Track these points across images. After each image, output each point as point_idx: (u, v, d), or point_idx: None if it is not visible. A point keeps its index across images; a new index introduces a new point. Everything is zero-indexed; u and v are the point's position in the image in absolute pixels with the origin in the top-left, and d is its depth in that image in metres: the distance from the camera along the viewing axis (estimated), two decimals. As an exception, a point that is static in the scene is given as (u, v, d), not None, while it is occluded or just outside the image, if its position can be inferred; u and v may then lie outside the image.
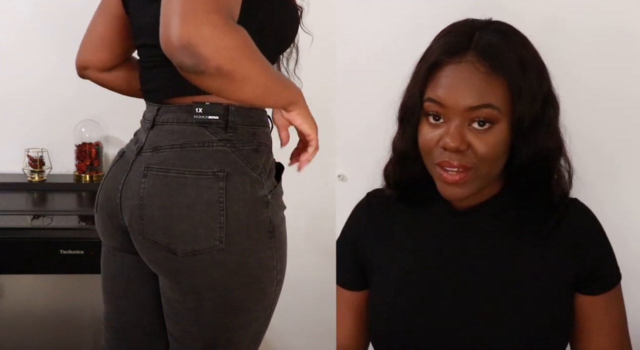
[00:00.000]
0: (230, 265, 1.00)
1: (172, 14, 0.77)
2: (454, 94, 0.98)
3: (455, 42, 1.01)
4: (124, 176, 1.04)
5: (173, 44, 0.77)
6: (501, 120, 0.99)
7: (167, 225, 0.99)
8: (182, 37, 0.76)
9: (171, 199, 0.99)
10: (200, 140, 1.00)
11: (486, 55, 0.98)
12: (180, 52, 0.77)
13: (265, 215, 1.02)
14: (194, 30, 0.76)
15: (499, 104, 0.98)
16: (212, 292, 1.02)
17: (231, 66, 0.80)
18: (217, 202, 0.98)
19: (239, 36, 0.81)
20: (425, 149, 1.03)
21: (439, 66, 1.01)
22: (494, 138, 0.99)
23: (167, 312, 1.08)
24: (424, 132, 1.03)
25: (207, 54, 0.77)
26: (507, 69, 0.98)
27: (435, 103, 1.00)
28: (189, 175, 0.99)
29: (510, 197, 1.06)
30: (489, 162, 1.00)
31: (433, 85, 1.01)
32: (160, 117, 1.03)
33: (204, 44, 0.77)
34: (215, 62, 0.78)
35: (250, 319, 1.06)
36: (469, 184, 1.01)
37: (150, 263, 1.05)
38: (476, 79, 0.98)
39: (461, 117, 0.98)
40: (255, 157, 1.03)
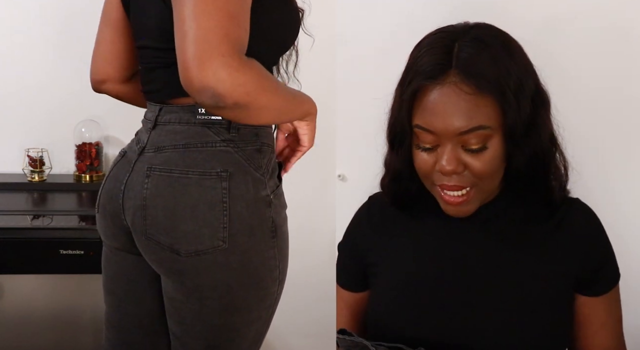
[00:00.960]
0: (233, 265, 1.01)
1: (189, 57, 0.84)
2: (443, 120, 0.96)
3: (435, 63, 0.97)
4: (126, 176, 1.04)
5: (194, 87, 0.85)
6: (494, 136, 0.98)
7: (170, 226, 0.99)
8: (201, 81, 0.84)
9: (174, 199, 0.99)
10: (204, 141, 1.00)
11: (469, 75, 0.95)
12: (200, 94, 0.85)
13: (268, 215, 1.03)
14: (212, 74, 0.83)
15: (490, 122, 0.96)
16: (215, 292, 1.02)
17: (247, 99, 0.87)
18: (220, 202, 0.98)
19: (253, 71, 0.88)
20: (422, 173, 1.03)
21: (422, 90, 0.98)
22: (490, 155, 0.98)
23: (170, 312, 1.08)
24: (419, 158, 1.02)
25: (225, 92, 0.84)
26: (492, 85, 0.95)
27: (425, 130, 0.99)
28: (193, 176, 0.99)
29: (509, 198, 1.06)
30: (488, 178, 1.00)
31: (421, 111, 0.99)
32: (162, 117, 1.03)
33: (222, 85, 0.84)
34: (232, 99, 0.85)
35: (252, 318, 1.06)
36: (472, 202, 1.01)
37: (153, 263, 1.05)
38: (462, 102, 0.95)
39: (453, 141, 0.97)
40: (258, 157, 1.03)
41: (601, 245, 1.07)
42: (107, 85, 1.20)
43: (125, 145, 1.14)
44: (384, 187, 1.15)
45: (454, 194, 1.00)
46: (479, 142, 0.97)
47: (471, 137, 0.96)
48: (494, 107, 0.97)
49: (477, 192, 1.01)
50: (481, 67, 0.96)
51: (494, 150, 0.98)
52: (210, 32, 0.84)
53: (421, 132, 1.00)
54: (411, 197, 1.11)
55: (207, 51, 0.83)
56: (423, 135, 1.00)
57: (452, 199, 1.01)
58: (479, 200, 1.03)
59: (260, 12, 0.95)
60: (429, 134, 0.99)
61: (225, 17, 0.85)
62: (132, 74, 1.19)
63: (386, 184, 1.14)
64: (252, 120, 0.97)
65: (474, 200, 1.02)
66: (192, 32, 0.84)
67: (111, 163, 1.13)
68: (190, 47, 0.84)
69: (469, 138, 0.96)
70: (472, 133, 0.96)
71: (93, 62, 1.20)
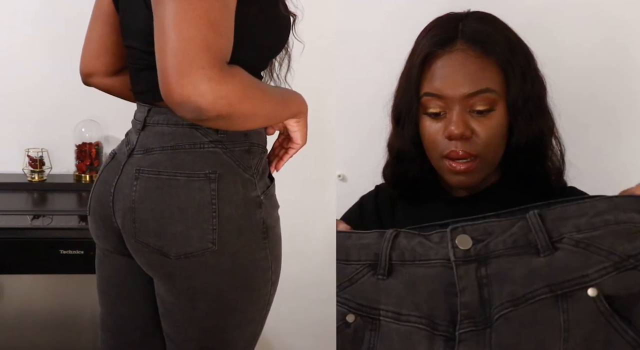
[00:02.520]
0: (223, 267, 1.00)
1: (169, 71, 0.82)
2: (451, 83, 1.00)
3: (443, 34, 1.03)
4: (116, 179, 1.04)
5: (175, 101, 0.83)
6: (499, 102, 1.02)
7: (159, 228, 0.98)
8: (182, 95, 0.82)
9: (163, 202, 0.98)
10: (192, 142, 0.99)
11: (475, 41, 1.01)
12: (181, 107, 0.83)
13: (258, 216, 1.02)
14: (192, 88, 0.81)
15: (495, 86, 1.01)
16: (206, 294, 1.01)
17: (230, 110, 0.85)
18: (209, 204, 0.98)
19: (235, 81, 0.86)
20: (430, 142, 1.05)
21: (431, 59, 1.02)
22: (495, 121, 1.01)
23: (163, 314, 1.08)
24: (427, 126, 1.05)
25: (206, 106, 0.83)
26: (497, 51, 1.01)
27: (434, 96, 1.02)
28: (181, 177, 0.98)
29: (509, 184, 1.08)
30: (493, 147, 1.03)
31: (429, 80, 1.03)
32: (151, 118, 1.03)
33: (203, 99, 0.82)
34: (215, 112, 0.84)
35: (245, 320, 1.06)
36: (475, 172, 1.03)
37: (143, 266, 1.05)
38: (470, 65, 1.00)
39: (461, 104, 1.00)
40: (248, 158, 1.02)
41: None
42: (95, 79, 1.20)
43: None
44: (386, 172, 1.16)
45: (460, 161, 1.02)
46: (486, 105, 1.01)
47: (478, 100, 1.00)
48: (498, 73, 1.01)
49: (481, 164, 1.03)
50: (486, 35, 1.02)
51: (498, 117, 1.02)
52: (190, 44, 0.82)
53: (430, 99, 1.02)
54: (413, 179, 1.11)
55: (187, 64, 0.81)
56: (432, 102, 1.02)
57: (457, 166, 1.02)
58: (481, 175, 1.05)
59: (244, 17, 0.92)
60: (438, 100, 1.02)
61: (206, 25, 0.83)
62: (120, 68, 1.19)
63: (388, 167, 1.15)
64: (239, 128, 0.96)
65: (477, 171, 1.03)
66: (172, 44, 0.82)
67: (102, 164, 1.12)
68: (170, 60, 0.82)
69: (476, 101, 1.00)
70: (479, 95, 1.00)
71: (82, 55, 1.20)
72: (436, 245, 0.79)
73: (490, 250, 0.76)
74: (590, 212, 0.72)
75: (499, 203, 1.07)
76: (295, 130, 1.09)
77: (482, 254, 0.76)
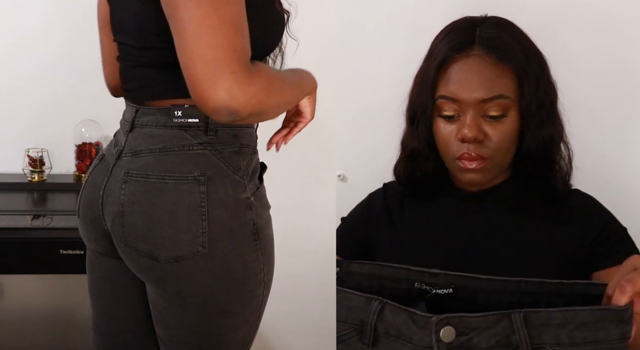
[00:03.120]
0: (214, 270, 0.99)
1: (201, 78, 0.84)
2: (467, 88, 1.03)
3: (460, 38, 1.05)
4: (105, 181, 1.03)
5: (210, 107, 0.85)
6: (512, 108, 1.04)
7: (148, 232, 0.98)
8: (216, 101, 0.84)
9: (151, 205, 0.97)
10: (180, 144, 0.98)
11: (491, 47, 1.03)
12: (217, 113, 0.85)
13: (248, 217, 1.01)
14: (225, 93, 0.84)
15: (509, 92, 1.03)
16: (197, 298, 1.01)
17: (260, 107, 0.88)
18: (198, 206, 0.97)
19: (261, 79, 0.88)
20: (443, 143, 1.07)
21: (447, 63, 1.05)
22: (507, 126, 1.04)
23: (155, 317, 1.07)
24: (440, 128, 1.07)
25: (239, 107, 0.85)
26: (512, 57, 1.03)
27: (449, 99, 1.04)
28: (170, 180, 0.97)
29: (517, 183, 1.11)
30: (503, 151, 1.05)
31: (444, 83, 1.05)
32: (139, 119, 1.01)
33: (236, 102, 0.84)
34: (247, 112, 0.86)
35: (238, 322, 1.05)
36: (485, 171, 1.06)
37: (133, 269, 1.04)
38: (486, 71, 1.03)
39: (475, 109, 1.03)
40: (237, 159, 1.01)
41: (603, 216, 1.09)
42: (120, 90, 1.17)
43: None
44: (397, 169, 1.18)
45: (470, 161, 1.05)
46: (499, 111, 1.03)
47: (492, 106, 1.03)
48: (513, 80, 1.04)
49: (491, 164, 1.06)
50: (502, 42, 1.04)
51: (510, 123, 1.04)
52: (218, 50, 0.84)
53: (444, 102, 1.05)
54: (425, 176, 1.14)
55: (219, 71, 0.83)
56: (447, 105, 1.05)
57: (469, 164, 1.04)
58: (491, 174, 1.07)
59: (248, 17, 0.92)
60: (453, 103, 1.04)
61: (231, 30, 0.85)
62: None
63: (401, 164, 1.17)
64: (266, 119, 0.97)
65: (486, 171, 1.06)
66: (201, 51, 0.83)
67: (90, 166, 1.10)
68: (201, 68, 0.84)
69: (490, 106, 1.03)
70: (493, 101, 1.02)
71: (104, 70, 1.19)
72: (420, 330, 0.78)
73: (473, 346, 0.76)
74: (571, 325, 0.74)
75: (506, 201, 1.10)
76: (306, 105, 1.11)
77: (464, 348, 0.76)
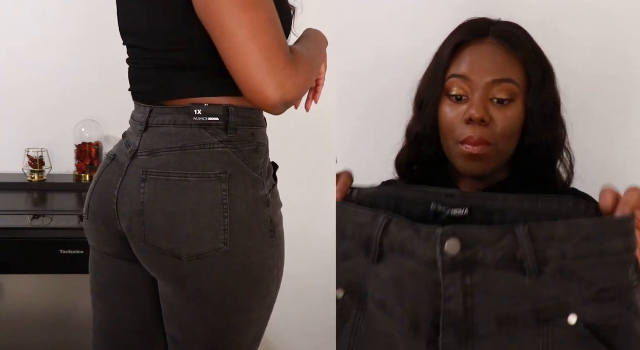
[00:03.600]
0: (234, 267, 1.00)
1: (258, 80, 0.91)
2: (478, 69, 1.06)
3: (475, 27, 1.10)
4: (120, 181, 1.03)
5: (270, 105, 0.93)
6: (519, 97, 1.06)
7: (170, 230, 0.98)
8: (274, 99, 0.92)
9: (174, 203, 0.98)
10: (201, 143, 0.99)
11: (504, 39, 1.07)
12: (276, 109, 0.93)
13: (266, 215, 1.03)
14: (280, 89, 0.91)
15: (518, 80, 1.06)
16: (218, 295, 1.02)
17: (306, 89, 0.99)
18: (220, 204, 0.98)
19: (303, 65, 0.96)
20: (448, 126, 1.08)
21: (461, 48, 1.08)
22: (514, 113, 1.06)
23: (170, 317, 1.07)
24: (447, 111, 1.09)
25: (293, 98, 0.94)
26: (523, 50, 1.07)
27: (460, 78, 1.06)
28: (192, 178, 0.98)
29: (516, 184, 1.11)
30: (507, 138, 1.07)
31: (457, 64, 1.08)
32: (154, 119, 1.02)
33: (289, 95, 0.93)
34: (298, 98, 0.97)
35: (253, 318, 1.06)
36: (488, 159, 1.07)
37: (152, 269, 1.04)
38: (498, 56, 1.06)
39: (484, 91, 1.05)
40: (256, 158, 1.03)
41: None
42: None
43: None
44: (399, 161, 1.18)
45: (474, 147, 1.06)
46: (507, 95, 1.05)
47: (501, 89, 1.05)
48: (522, 70, 1.07)
49: (494, 151, 1.06)
50: (515, 35, 1.09)
51: (516, 111, 1.06)
52: (268, 50, 0.90)
53: (455, 81, 1.07)
54: (427, 163, 1.14)
55: (272, 70, 0.90)
56: (456, 85, 1.07)
57: (472, 149, 1.06)
58: (493, 164, 1.08)
59: None
60: (463, 82, 1.06)
61: (274, 28, 0.92)
62: None
63: (404, 153, 1.17)
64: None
65: (489, 158, 1.07)
66: (254, 54, 0.90)
67: (99, 168, 1.10)
68: (257, 70, 0.90)
69: (499, 90, 1.05)
70: (502, 84, 1.05)
71: None
72: (424, 243, 0.76)
73: (478, 259, 0.75)
74: (577, 238, 0.73)
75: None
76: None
77: (469, 262, 0.75)
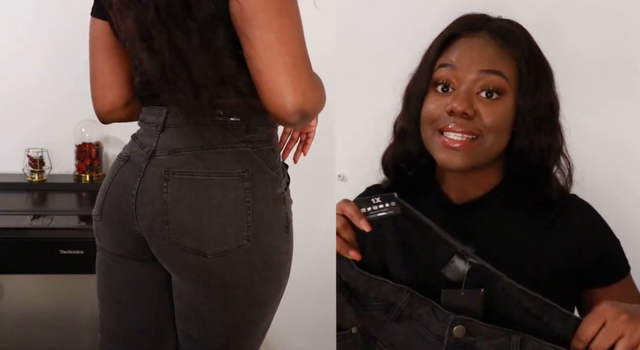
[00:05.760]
0: (256, 262, 1.03)
1: (282, 84, 0.91)
2: (467, 60, 1.02)
3: (470, 21, 1.07)
4: (138, 181, 1.03)
5: (288, 111, 0.92)
6: (508, 93, 1.02)
7: (196, 228, 1.00)
8: (294, 105, 0.92)
9: (199, 202, 1.00)
10: (223, 142, 1.01)
11: (498, 34, 1.04)
12: (291, 116, 0.93)
13: (283, 211, 1.06)
14: (302, 96, 0.92)
15: (508, 74, 1.02)
16: (240, 290, 1.04)
17: (319, 109, 0.98)
18: (243, 202, 1.01)
19: (320, 84, 0.98)
20: (429, 117, 1.04)
21: (453, 39, 1.05)
22: (501, 108, 1.01)
23: (187, 315, 1.09)
24: (430, 101, 1.04)
25: (310, 110, 0.94)
26: (517, 46, 1.03)
27: (447, 66, 1.03)
28: (215, 177, 1.00)
29: (509, 190, 1.06)
30: (493, 133, 1.01)
31: (446, 54, 1.05)
32: (172, 119, 1.03)
33: (308, 105, 0.93)
34: (314, 113, 0.96)
35: (267, 311, 1.10)
36: (469, 153, 1.00)
37: (173, 267, 1.05)
38: (489, 49, 1.03)
39: (471, 83, 1.01)
40: (273, 157, 1.06)
41: (600, 234, 1.06)
42: (115, 114, 1.17)
43: (123, 147, 1.12)
44: (385, 159, 1.14)
45: (454, 137, 1.00)
46: (494, 88, 1.01)
47: (488, 81, 1.01)
48: (514, 66, 1.03)
49: (479, 145, 1.00)
50: (510, 31, 1.05)
51: (505, 107, 1.01)
52: (297, 57, 0.92)
53: (442, 70, 1.03)
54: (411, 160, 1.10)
55: (298, 76, 0.91)
56: (443, 73, 1.03)
57: (450, 142, 1.00)
58: (475, 159, 1.01)
59: None
60: (450, 71, 1.02)
61: (302, 38, 0.93)
62: (133, 95, 1.15)
63: (389, 150, 1.13)
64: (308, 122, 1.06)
65: (469, 154, 1.00)
66: (282, 59, 0.91)
67: (110, 169, 1.10)
68: (282, 74, 0.91)
69: (487, 82, 1.01)
70: (490, 76, 1.01)
71: (96, 95, 1.16)
72: (438, 321, 0.89)
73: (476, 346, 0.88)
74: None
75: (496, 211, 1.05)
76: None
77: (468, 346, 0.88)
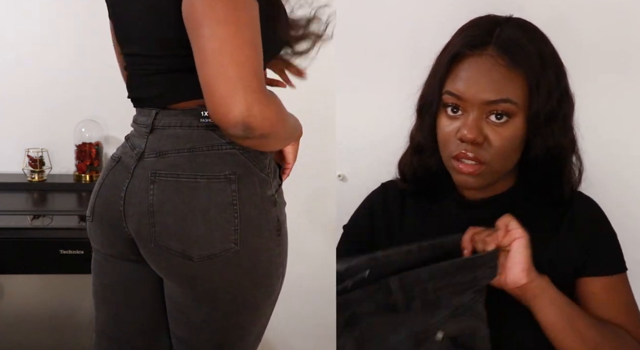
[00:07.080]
0: (244, 266, 1.01)
1: (224, 94, 0.88)
2: (473, 88, 1.00)
3: (477, 36, 1.03)
4: (126, 183, 1.03)
5: (229, 122, 0.88)
6: (518, 114, 1.01)
7: (181, 231, 0.99)
8: (236, 116, 0.88)
9: (184, 204, 0.99)
10: (209, 144, 1.00)
11: (506, 50, 1.01)
12: (235, 128, 0.89)
13: (273, 214, 1.04)
14: (246, 111, 0.88)
15: (517, 98, 1.00)
16: (228, 294, 1.03)
17: (270, 130, 0.92)
18: (230, 204, 0.99)
19: (274, 104, 0.93)
20: (443, 140, 1.05)
21: (459, 59, 1.03)
22: (510, 132, 1.01)
23: (177, 318, 1.08)
24: (442, 125, 1.05)
25: (256, 125, 0.89)
26: (526, 63, 1.00)
27: (454, 96, 1.02)
28: (201, 180, 0.99)
29: (522, 191, 1.08)
30: (503, 157, 1.02)
31: (453, 78, 1.03)
32: (160, 121, 1.02)
33: (254, 119, 0.89)
34: (261, 131, 0.91)
35: (259, 315, 1.08)
36: (482, 176, 1.03)
37: (160, 270, 1.04)
38: (495, 73, 1.00)
39: (479, 109, 1.00)
40: (262, 158, 1.04)
41: (600, 227, 1.08)
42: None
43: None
44: (403, 166, 1.16)
45: (467, 162, 1.02)
46: (503, 114, 1.00)
47: (496, 109, 1.00)
48: (523, 85, 1.01)
49: (489, 170, 1.03)
50: (519, 45, 1.01)
51: (514, 128, 1.01)
52: (243, 68, 0.88)
53: (449, 98, 1.03)
54: (429, 174, 1.12)
55: (241, 88, 0.87)
56: (452, 100, 1.02)
57: (464, 168, 1.02)
58: (488, 179, 1.04)
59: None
60: (457, 101, 1.02)
61: (254, 51, 0.89)
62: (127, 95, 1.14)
63: (407, 158, 1.15)
64: (269, 148, 1.03)
65: (484, 176, 1.03)
66: (225, 68, 0.87)
67: (102, 170, 1.10)
68: (224, 83, 0.87)
69: (495, 109, 1.00)
70: (498, 104, 1.00)
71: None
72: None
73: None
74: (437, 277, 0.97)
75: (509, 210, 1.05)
76: (290, 151, 1.14)
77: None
